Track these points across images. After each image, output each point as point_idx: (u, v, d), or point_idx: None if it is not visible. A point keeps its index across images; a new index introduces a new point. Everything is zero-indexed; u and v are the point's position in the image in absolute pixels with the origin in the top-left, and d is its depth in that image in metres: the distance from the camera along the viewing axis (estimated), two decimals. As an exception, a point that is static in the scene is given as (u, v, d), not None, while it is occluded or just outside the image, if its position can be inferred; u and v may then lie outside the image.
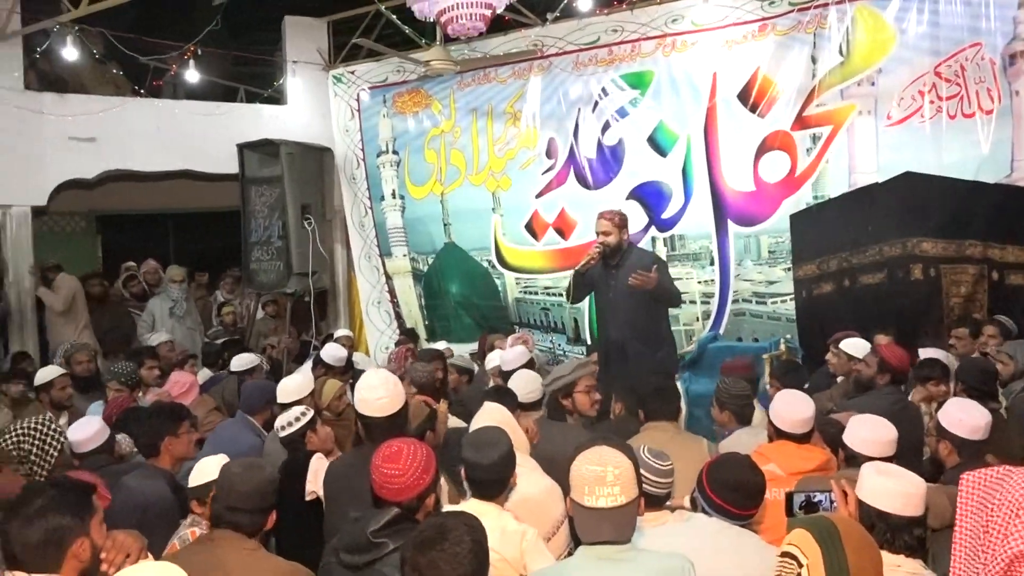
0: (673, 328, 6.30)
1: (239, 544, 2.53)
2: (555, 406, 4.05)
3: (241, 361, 5.64)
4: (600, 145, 6.94)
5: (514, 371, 4.30)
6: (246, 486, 2.57)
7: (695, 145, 6.48)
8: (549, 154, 7.24)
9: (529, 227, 7.44)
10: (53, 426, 3.75)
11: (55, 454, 3.66)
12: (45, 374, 5.26)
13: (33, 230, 7.47)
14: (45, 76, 7.79)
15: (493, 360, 5.50)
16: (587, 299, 5.89)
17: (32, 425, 3.71)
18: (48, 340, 7.30)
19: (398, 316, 8.52)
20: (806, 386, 4.38)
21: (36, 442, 3.68)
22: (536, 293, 7.47)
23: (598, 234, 5.47)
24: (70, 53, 7.20)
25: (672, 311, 6.22)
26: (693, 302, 6.53)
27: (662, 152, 6.68)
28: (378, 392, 2.93)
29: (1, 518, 2.01)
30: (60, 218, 9.44)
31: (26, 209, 7.37)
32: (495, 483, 2.68)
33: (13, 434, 3.69)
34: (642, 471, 2.43)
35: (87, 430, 3.53)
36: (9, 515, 2.00)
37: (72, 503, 2.03)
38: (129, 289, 8.08)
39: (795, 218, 5.97)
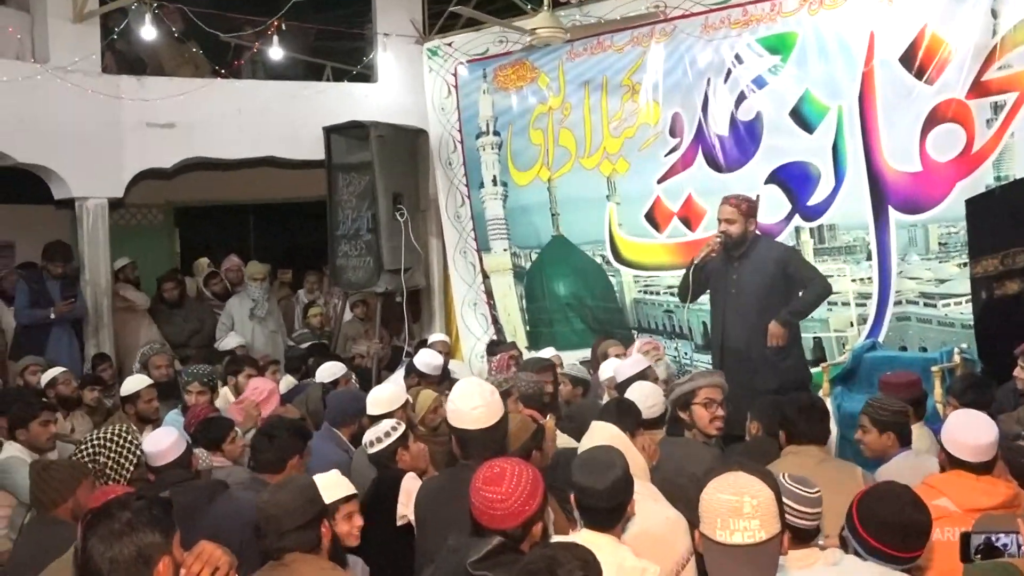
0: (823, 334, 6.20)
1: (316, 564, 2.64)
2: (673, 420, 4.02)
3: (328, 371, 5.79)
4: (734, 120, 6.83)
5: (629, 382, 4.28)
6: (279, 508, 2.70)
7: (848, 118, 6.29)
8: (673, 132, 7.17)
9: (650, 217, 7.38)
10: (130, 437, 4.00)
11: (131, 468, 3.90)
12: (131, 385, 5.51)
13: (108, 224, 7.86)
14: (123, 58, 8.22)
15: (607, 370, 5.50)
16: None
17: (109, 436, 3.97)
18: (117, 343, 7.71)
19: (495, 320, 8.61)
20: (991, 406, 4.24)
21: (112, 454, 3.93)
22: (658, 293, 7.40)
23: (720, 222, 5.43)
24: (148, 32, 7.56)
25: (820, 314, 6.11)
26: (846, 304, 6.33)
27: (808, 127, 6.51)
28: (473, 401, 2.97)
29: (82, 532, 2.09)
30: (136, 211, 9.92)
31: (103, 202, 7.78)
32: (610, 512, 2.66)
33: (89, 445, 3.96)
34: (785, 500, 2.37)
35: (163, 441, 3.70)
36: (93, 529, 2.07)
37: (159, 519, 2.10)
38: (211, 288, 8.44)
39: (972, 203, 5.72)
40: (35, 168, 7.61)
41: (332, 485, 3.17)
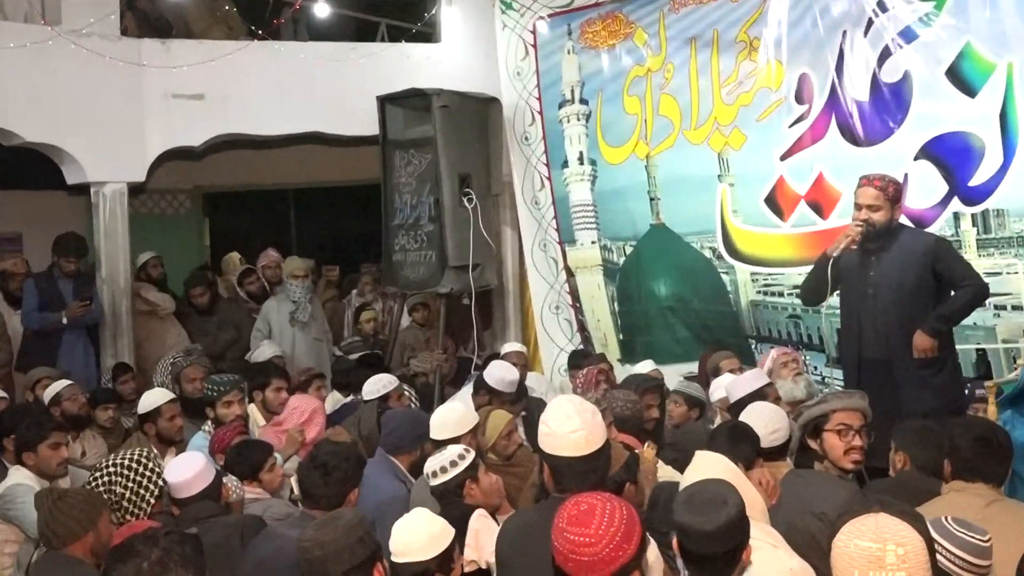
0: (988, 346, 6.02)
1: None
2: (801, 450, 4.00)
3: (375, 386, 5.86)
4: (876, 82, 6.66)
5: (745, 403, 4.25)
6: (325, 550, 2.75)
7: (1020, 78, 6.08)
8: (800, 98, 7.06)
9: (771, 201, 7.28)
10: (151, 464, 4.04)
11: (151, 500, 3.94)
12: (151, 400, 5.61)
13: (128, 213, 8.06)
14: (145, 19, 8.46)
15: (719, 389, 5.50)
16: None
17: (126, 463, 4.00)
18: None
19: (581, 327, 8.60)
20: None
21: (131, 484, 3.96)
22: (781, 294, 7.32)
23: (859, 207, 5.37)
24: (175, -14, 7.78)
25: (985, 320, 5.97)
26: (1018, 308, 6.13)
27: (970, 90, 6.30)
28: (571, 423, 3.00)
29: (103, 572, 2.16)
30: (160, 197, 10.16)
31: (122, 187, 7.99)
32: (721, 560, 2.64)
33: (104, 472, 4.00)
34: (948, 547, 2.36)
35: (189, 469, 3.75)
36: (117, 569, 2.12)
37: (192, 558, 2.16)
38: (245, 287, 8.59)
39: None
40: (44, 148, 7.81)
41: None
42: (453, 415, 4.58)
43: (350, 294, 9.10)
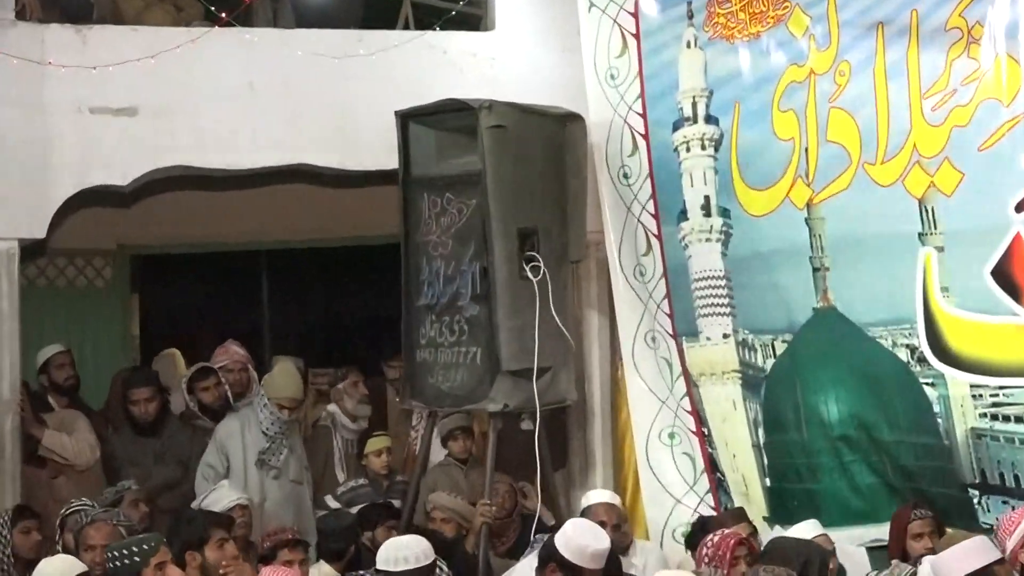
0: None
1: None
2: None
3: (392, 553, 5.88)
4: None
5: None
6: None
7: None
8: (1047, 116, 7.01)
9: (1002, 274, 7.15)
10: None
11: None
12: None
13: (21, 284, 8.05)
14: (54, -1, 8.56)
15: (926, 570, 5.55)
16: None
17: None
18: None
19: (709, 465, 8.54)
20: None
21: None
22: (1020, 419, 7.13)
23: None
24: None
25: None
26: None
27: None
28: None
29: None
30: (68, 261, 10.16)
31: (11, 246, 8.00)
32: None
33: None
34: None
35: None
36: None
37: None
38: (197, 394, 8.59)
39: None
40: None
41: None
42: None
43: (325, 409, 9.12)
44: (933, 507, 6.84)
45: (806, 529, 6.61)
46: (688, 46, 8.36)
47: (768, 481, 8.31)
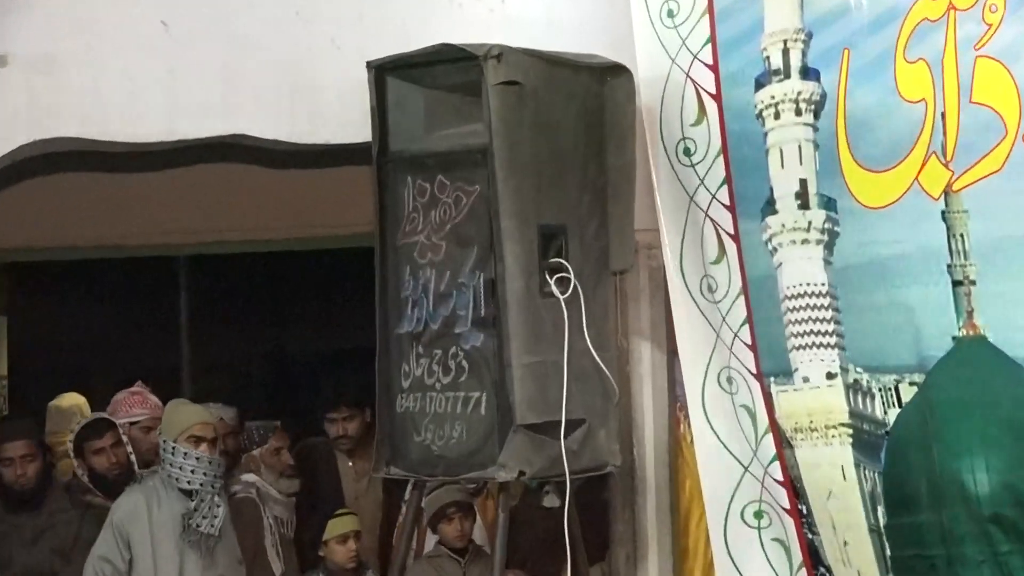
0: None
1: None
2: None
3: None
4: None
5: None
6: None
7: None
8: None
9: None
10: None
11: None
12: None
13: None
14: None
15: None
16: None
17: None
18: None
19: (808, 552, 7.54)
20: None
21: None
22: None
23: None
24: None
25: None
26: None
27: None
28: None
29: None
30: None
31: None
32: None
33: None
34: None
35: None
36: None
37: None
38: (90, 459, 8.24)
39: None
40: None
41: None
42: None
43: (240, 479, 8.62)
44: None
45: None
46: (772, -20, 7.72)
47: (888, 569, 7.36)
